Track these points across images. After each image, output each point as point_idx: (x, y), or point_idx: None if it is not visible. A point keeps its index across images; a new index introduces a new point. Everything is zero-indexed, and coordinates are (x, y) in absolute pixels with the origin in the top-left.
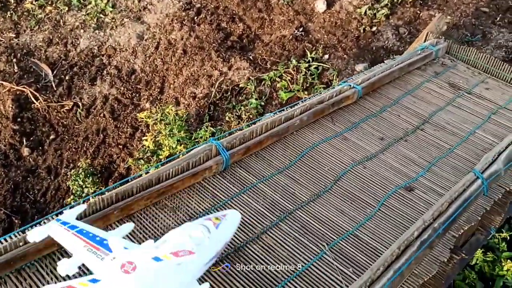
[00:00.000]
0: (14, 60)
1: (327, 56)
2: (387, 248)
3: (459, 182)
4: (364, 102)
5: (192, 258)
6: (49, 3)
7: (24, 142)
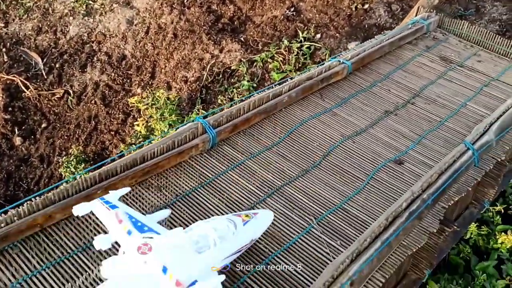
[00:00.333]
0: (3, 50)
1: (319, 35)
2: (376, 221)
3: (449, 153)
4: (354, 77)
5: (212, 250)
6: None
7: (16, 131)
